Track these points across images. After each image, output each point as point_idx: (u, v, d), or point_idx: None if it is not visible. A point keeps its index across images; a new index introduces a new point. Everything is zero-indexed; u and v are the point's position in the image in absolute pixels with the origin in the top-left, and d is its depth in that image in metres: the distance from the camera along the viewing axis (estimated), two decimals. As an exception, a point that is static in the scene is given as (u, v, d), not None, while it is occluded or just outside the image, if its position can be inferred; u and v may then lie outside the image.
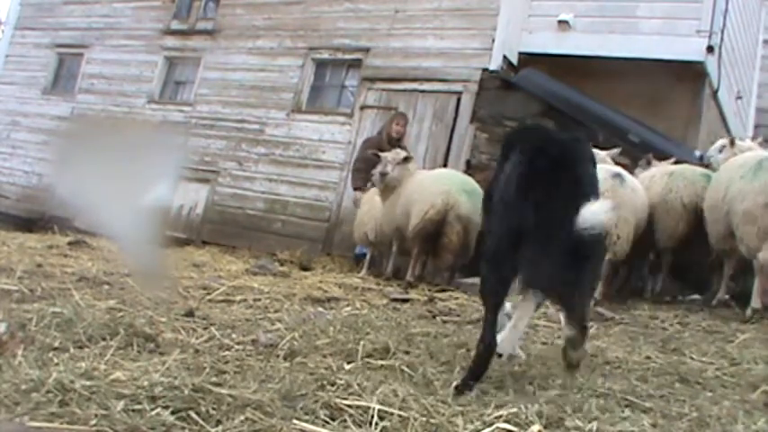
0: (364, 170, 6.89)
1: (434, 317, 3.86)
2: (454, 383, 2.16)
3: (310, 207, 8.59)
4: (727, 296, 4.79)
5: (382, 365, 2.39)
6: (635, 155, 6.62)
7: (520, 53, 8.13)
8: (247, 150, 9.24)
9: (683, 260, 5.29)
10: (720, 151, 5.51)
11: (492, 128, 7.75)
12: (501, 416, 1.87)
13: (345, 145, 8.46)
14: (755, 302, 4.22)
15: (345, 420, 1.78)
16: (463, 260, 5.82)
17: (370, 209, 6.48)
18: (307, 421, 1.73)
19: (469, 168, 7.28)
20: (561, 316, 3.87)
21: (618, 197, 4.69)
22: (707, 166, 5.51)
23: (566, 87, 7.53)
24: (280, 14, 9.51)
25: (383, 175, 5.97)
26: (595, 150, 5.75)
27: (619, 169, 5.02)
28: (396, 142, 7.05)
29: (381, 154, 6.14)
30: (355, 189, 6.99)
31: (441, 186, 5.66)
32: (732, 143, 5.46)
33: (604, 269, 4.89)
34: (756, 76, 10.73)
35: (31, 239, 6.23)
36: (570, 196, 2.11)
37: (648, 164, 5.78)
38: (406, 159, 6.08)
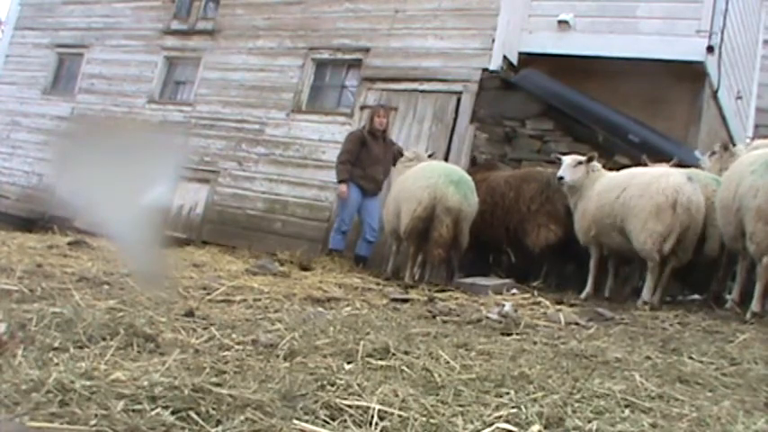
0: (349, 163, 6.96)
1: (434, 317, 3.86)
2: None
3: (310, 207, 8.59)
4: (731, 297, 4.75)
5: (382, 365, 2.39)
6: (635, 155, 6.62)
7: (520, 53, 8.14)
8: (247, 150, 9.25)
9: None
10: (709, 156, 5.55)
11: (492, 128, 7.75)
12: (501, 416, 1.87)
13: (345, 145, 8.46)
14: (756, 306, 4.20)
15: (345, 420, 1.78)
16: (457, 253, 5.78)
17: None
18: (307, 421, 1.73)
19: (474, 165, 7.25)
20: (560, 316, 3.88)
21: (691, 202, 4.67)
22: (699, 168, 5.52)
23: (566, 87, 7.53)
24: (280, 14, 9.51)
25: None
26: None
27: (690, 172, 5.03)
28: (381, 134, 7.11)
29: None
30: (340, 182, 7.05)
31: (426, 181, 5.57)
32: (725, 148, 5.42)
33: (611, 269, 4.90)
34: (756, 76, 10.73)
35: (31, 239, 6.23)
36: None
37: (645, 165, 5.75)
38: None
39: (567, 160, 5.50)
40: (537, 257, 5.89)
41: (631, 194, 4.85)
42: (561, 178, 5.42)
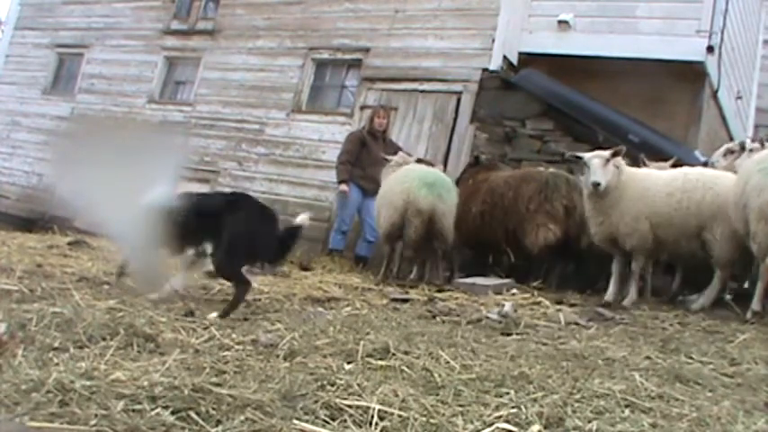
0: (349, 163, 6.99)
1: (434, 317, 3.86)
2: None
3: (310, 207, 8.55)
4: (729, 296, 4.75)
5: (382, 365, 2.39)
6: (635, 155, 6.62)
7: (520, 53, 8.14)
8: (247, 150, 9.25)
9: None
10: (725, 156, 5.47)
11: (492, 128, 7.75)
12: (501, 416, 1.87)
13: (345, 145, 8.45)
14: (756, 305, 4.19)
15: (345, 420, 1.78)
16: (442, 245, 5.78)
17: None
18: (307, 421, 1.73)
19: (475, 165, 7.20)
20: (560, 316, 3.88)
21: None
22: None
23: (566, 87, 7.53)
24: (280, 14, 9.51)
25: None
26: None
27: None
28: (381, 134, 7.13)
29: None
30: (341, 182, 7.08)
31: (401, 186, 5.65)
32: (762, 143, 5.27)
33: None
34: (756, 76, 10.73)
35: (31, 239, 6.23)
36: None
37: (644, 164, 5.72)
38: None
39: (595, 161, 4.65)
40: (536, 257, 5.88)
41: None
42: (598, 184, 4.61)
